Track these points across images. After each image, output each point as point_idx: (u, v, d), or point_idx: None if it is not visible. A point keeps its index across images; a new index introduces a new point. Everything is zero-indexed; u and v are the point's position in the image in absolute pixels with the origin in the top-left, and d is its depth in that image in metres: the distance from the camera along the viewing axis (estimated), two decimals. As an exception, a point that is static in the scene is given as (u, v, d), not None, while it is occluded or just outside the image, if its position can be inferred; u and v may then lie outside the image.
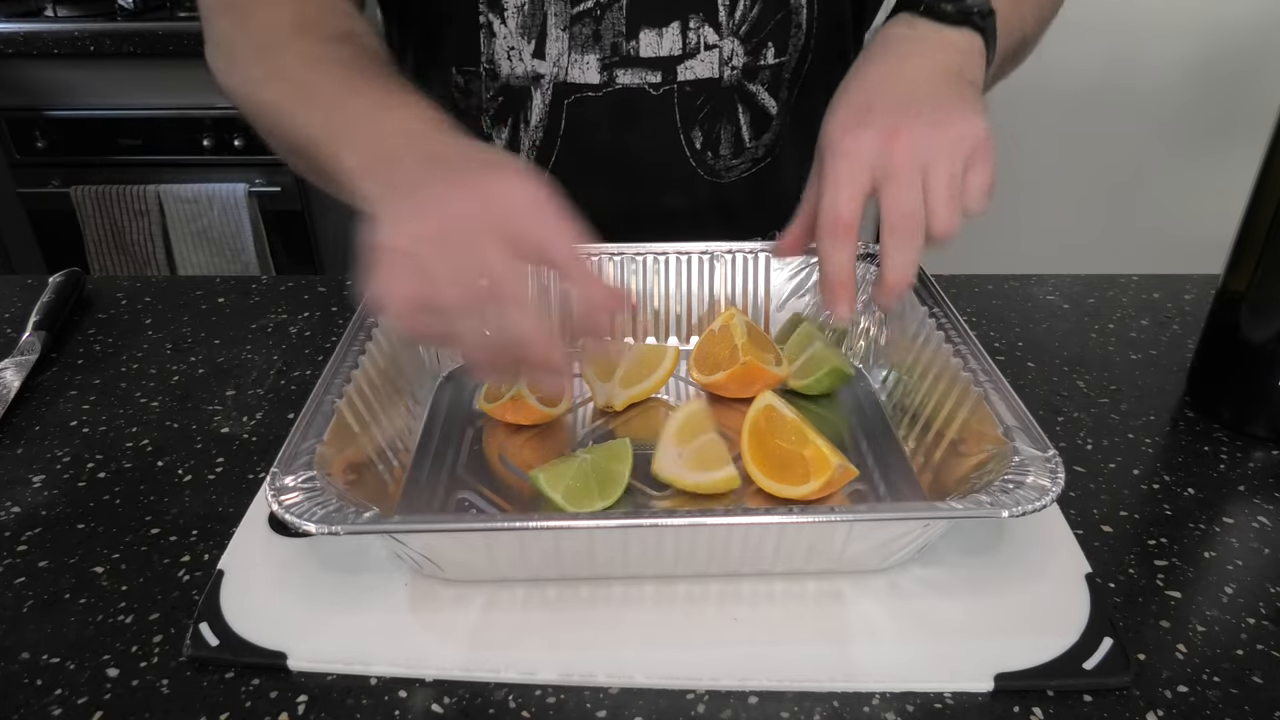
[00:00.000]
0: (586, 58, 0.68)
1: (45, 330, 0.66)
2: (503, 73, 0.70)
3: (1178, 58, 1.64)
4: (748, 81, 0.71)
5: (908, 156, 0.47)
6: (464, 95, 0.73)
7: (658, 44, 0.68)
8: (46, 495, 0.52)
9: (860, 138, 0.48)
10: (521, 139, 0.73)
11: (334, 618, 0.43)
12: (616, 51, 0.68)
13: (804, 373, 0.59)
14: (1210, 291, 0.59)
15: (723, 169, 0.75)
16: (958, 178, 0.48)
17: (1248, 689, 0.40)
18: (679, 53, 0.69)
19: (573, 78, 0.69)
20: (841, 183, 0.48)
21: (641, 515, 0.40)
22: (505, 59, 0.69)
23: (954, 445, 0.50)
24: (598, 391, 0.59)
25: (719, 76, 0.70)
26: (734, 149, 0.74)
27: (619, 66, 0.69)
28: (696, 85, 0.70)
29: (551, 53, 0.69)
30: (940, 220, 0.48)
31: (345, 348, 0.53)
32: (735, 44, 0.69)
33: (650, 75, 0.69)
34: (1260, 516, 0.50)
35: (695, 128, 0.72)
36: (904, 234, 0.47)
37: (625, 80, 0.69)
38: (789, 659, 0.41)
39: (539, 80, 0.70)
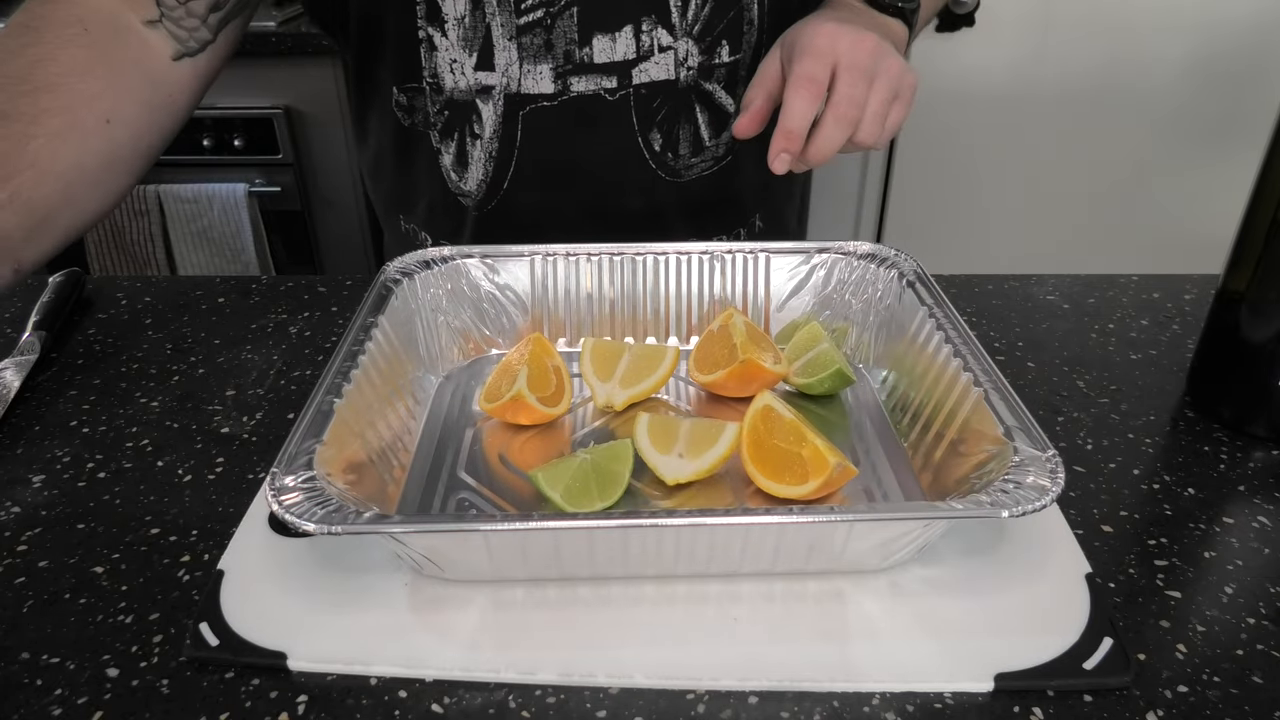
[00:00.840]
0: (539, 67, 0.68)
1: (45, 330, 0.66)
2: (446, 86, 0.70)
3: (1178, 58, 1.64)
4: (704, 81, 0.71)
5: (865, 63, 0.56)
6: (408, 113, 0.73)
7: (611, 49, 0.68)
8: (46, 495, 0.52)
9: (834, 38, 0.57)
10: (469, 152, 0.72)
11: (334, 618, 0.43)
12: (570, 59, 0.68)
13: (808, 371, 0.59)
14: (1210, 291, 0.59)
15: (683, 168, 0.74)
16: (887, 103, 0.57)
17: (1248, 689, 0.40)
18: (633, 56, 0.68)
19: (526, 88, 0.69)
20: (814, 58, 0.56)
21: (641, 515, 0.40)
22: (448, 72, 0.69)
23: (954, 445, 0.50)
24: (598, 391, 0.59)
25: (675, 78, 0.70)
26: (693, 148, 0.74)
27: (573, 74, 0.68)
28: (652, 88, 0.70)
29: (500, 63, 0.68)
30: (867, 128, 0.57)
31: (345, 348, 0.53)
32: (690, 44, 0.69)
33: (605, 81, 0.69)
34: (1260, 516, 0.50)
35: (653, 130, 0.72)
36: (843, 116, 0.56)
37: (580, 88, 0.69)
38: (789, 659, 0.41)
39: (487, 92, 0.69)
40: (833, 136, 0.56)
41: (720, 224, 0.80)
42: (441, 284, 0.63)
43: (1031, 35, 1.62)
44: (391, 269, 0.62)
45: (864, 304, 0.63)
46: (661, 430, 0.52)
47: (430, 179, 0.75)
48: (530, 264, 0.65)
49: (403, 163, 0.77)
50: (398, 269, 0.62)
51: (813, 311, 0.65)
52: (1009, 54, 1.63)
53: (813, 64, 0.56)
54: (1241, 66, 1.65)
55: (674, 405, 0.60)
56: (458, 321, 0.64)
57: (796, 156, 0.57)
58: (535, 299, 0.65)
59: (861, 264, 0.64)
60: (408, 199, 0.79)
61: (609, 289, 0.65)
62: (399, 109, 0.73)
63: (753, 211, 0.81)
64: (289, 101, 1.60)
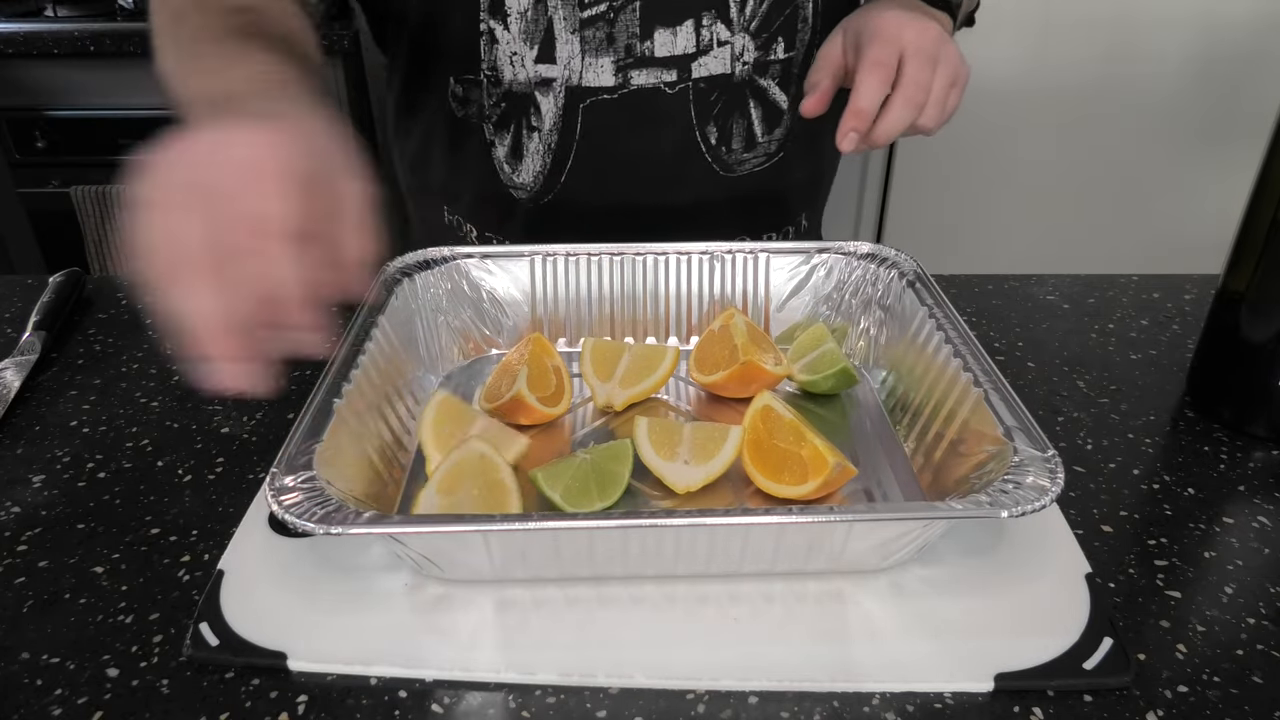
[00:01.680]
0: (600, 61, 0.69)
1: (45, 330, 0.66)
2: (505, 78, 0.70)
3: (1177, 57, 1.64)
4: (759, 76, 0.72)
5: (930, 50, 0.58)
6: (462, 104, 0.73)
7: (672, 43, 0.69)
8: (46, 495, 0.52)
9: (901, 26, 0.59)
10: (525, 144, 0.73)
11: (334, 618, 0.43)
12: (631, 53, 0.69)
13: (812, 369, 0.59)
14: (1210, 291, 0.59)
15: (735, 163, 0.75)
16: (947, 89, 0.59)
17: (1248, 689, 0.40)
18: (693, 50, 0.69)
19: (587, 81, 0.69)
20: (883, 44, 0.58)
21: (641, 515, 0.40)
22: (508, 65, 0.69)
23: (954, 445, 0.50)
24: (598, 391, 0.59)
25: (731, 72, 0.71)
26: (746, 143, 0.74)
27: (634, 67, 0.69)
28: (710, 82, 0.71)
29: (562, 56, 0.69)
30: (931, 111, 0.59)
31: (345, 348, 0.53)
32: (746, 39, 0.70)
33: (665, 74, 0.70)
34: (1260, 516, 0.50)
35: (710, 123, 0.73)
36: (911, 99, 0.58)
37: (640, 81, 0.70)
38: (789, 659, 0.41)
39: (547, 85, 0.70)
40: (901, 118, 0.58)
41: (769, 221, 0.81)
42: (441, 284, 0.63)
43: (1031, 35, 1.62)
44: (391, 269, 0.62)
45: (864, 304, 0.63)
46: (663, 435, 0.52)
47: (480, 170, 0.76)
48: (530, 264, 0.65)
49: (453, 154, 0.78)
50: (398, 269, 0.62)
51: (813, 311, 0.65)
52: (1009, 54, 1.63)
53: (882, 49, 0.58)
54: (1241, 66, 1.65)
55: (674, 405, 0.60)
56: (458, 321, 0.64)
57: (863, 136, 0.58)
58: (535, 299, 0.65)
59: (861, 264, 0.64)
60: (454, 190, 0.80)
61: (609, 289, 0.65)
62: (454, 100, 0.73)
63: (799, 211, 0.83)
64: (289, 101, 1.59)
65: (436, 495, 0.47)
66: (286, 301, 0.38)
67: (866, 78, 0.57)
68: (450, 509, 0.46)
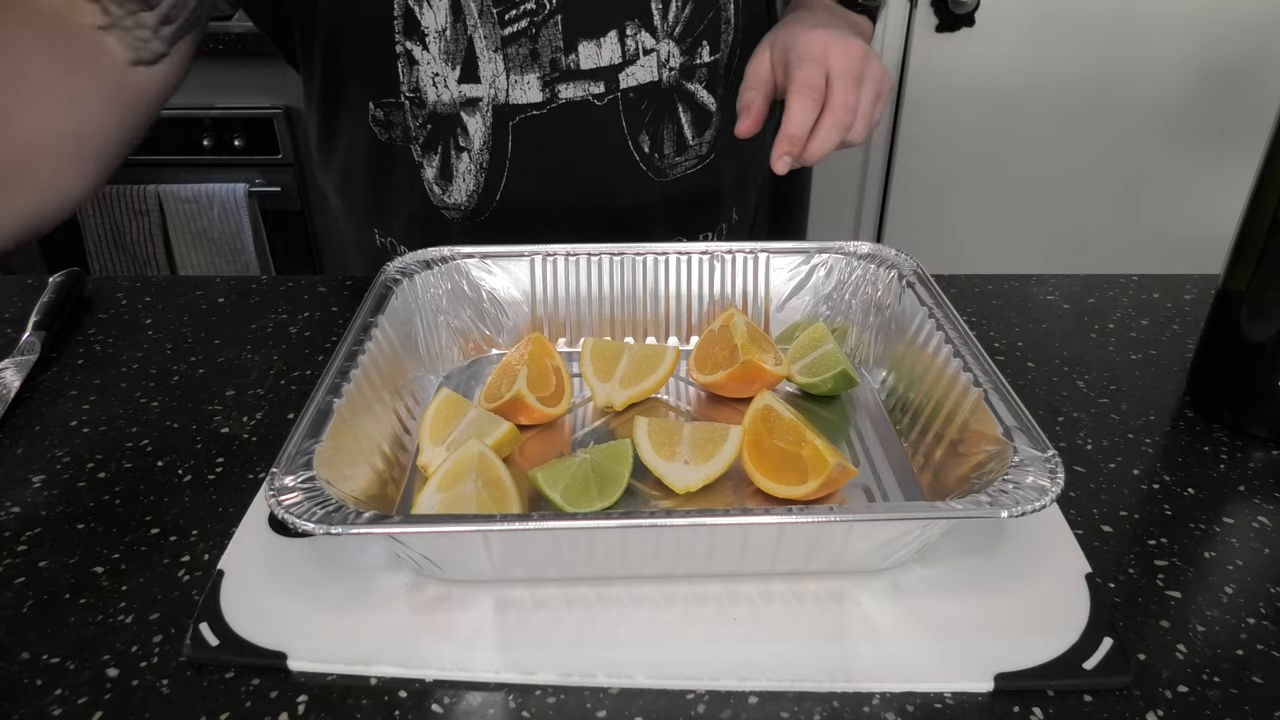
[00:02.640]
0: (526, 77, 0.68)
1: (45, 330, 0.66)
2: (429, 100, 0.69)
3: (1177, 57, 1.64)
4: (685, 81, 0.72)
5: (856, 69, 0.60)
6: (385, 128, 0.72)
7: (597, 54, 0.68)
8: (46, 495, 0.52)
9: (827, 45, 0.61)
10: (455, 165, 0.72)
11: (334, 618, 0.43)
12: (556, 67, 0.68)
13: (812, 371, 0.59)
14: (1210, 291, 0.59)
15: (668, 168, 0.75)
16: (873, 105, 0.62)
17: (1248, 689, 0.40)
18: (619, 61, 0.69)
19: (514, 99, 0.69)
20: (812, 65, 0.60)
21: (641, 515, 0.40)
22: (430, 86, 0.68)
23: (954, 445, 0.50)
24: (598, 391, 0.59)
25: (659, 79, 0.71)
26: (677, 147, 0.74)
27: (560, 81, 0.69)
28: (639, 91, 0.71)
29: (486, 75, 0.68)
30: (858, 129, 0.61)
31: (345, 348, 0.53)
32: (671, 45, 0.70)
33: (593, 86, 0.69)
34: (1260, 516, 0.50)
35: (642, 132, 0.72)
36: (839, 121, 0.60)
37: (568, 94, 0.69)
38: (789, 659, 0.41)
39: (473, 104, 0.69)
40: (830, 139, 0.60)
41: (701, 221, 0.81)
42: (441, 284, 0.63)
43: (1031, 35, 1.62)
44: (391, 269, 0.62)
45: (864, 304, 0.63)
46: (663, 435, 0.52)
47: (409, 193, 0.75)
48: (530, 264, 0.65)
49: (378, 178, 0.76)
50: (398, 269, 0.62)
51: (812, 311, 0.65)
52: (1009, 54, 1.63)
53: (811, 71, 0.60)
54: (1241, 67, 1.65)
55: (674, 405, 0.60)
56: (458, 321, 0.64)
57: (795, 158, 0.60)
58: (535, 299, 0.65)
59: (861, 264, 0.64)
60: (383, 213, 0.79)
61: (609, 289, 0.65)
62: (375, 124, 0.72)
63: (729, 207, 0.83)
64: (289, 101, 1.59)
65: (436, 495, 0.47)
66: None
67: (796, 103, 0.59)
68: (450, 509, 0.46)
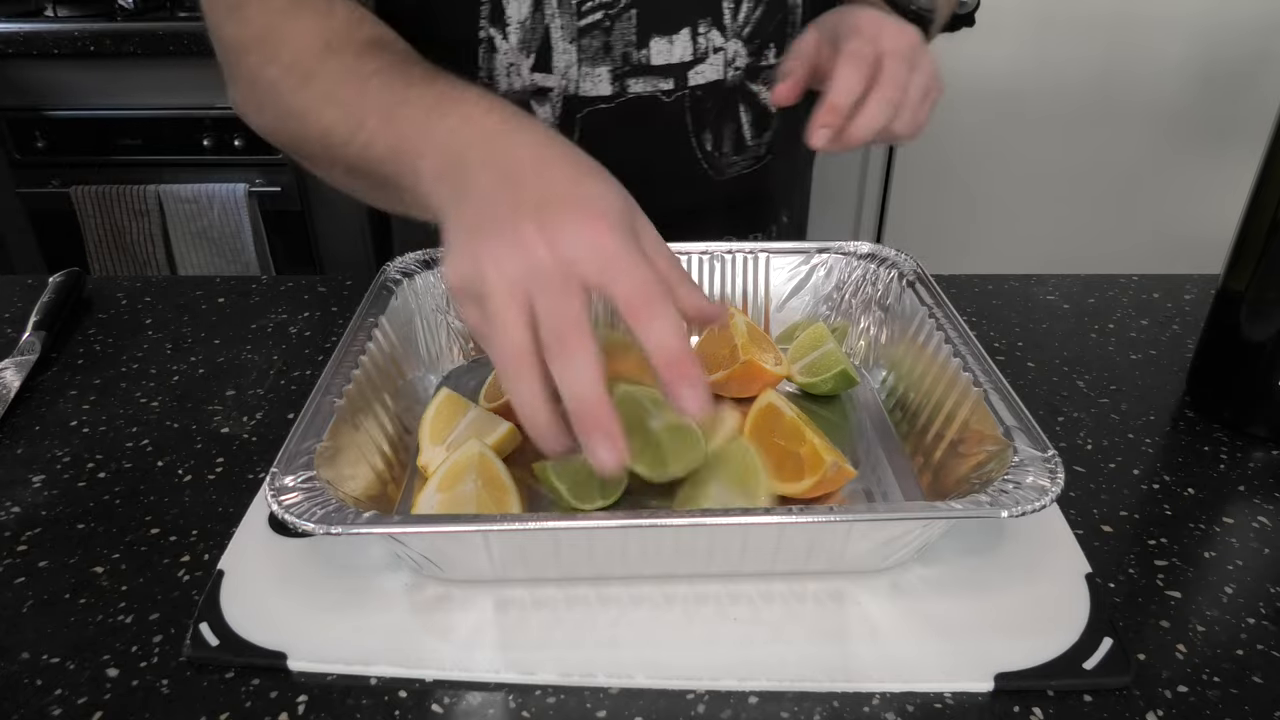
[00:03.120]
0: (598, 70, 0.68)
1: (45, 330, 0.66)
2: (501, 88, 0.70)
3: (1178, 58, 1.64)
4: (749, 81, 0.72)
5: (907, 52, 0.56)
6: None
7: (669, 51, 0.69)
8: (46, 495, 0.52)
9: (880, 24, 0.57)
10: None
11: (334, 618, 0.43)
12: (628, 61, 0.68)
13: (812, 371, 0.59)
14: (1210, 291, 0.59)
15: (725, 166, 0.75)
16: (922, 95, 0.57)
17: (1248, 689, 0.40)
18: (690, 59, 0.69)
19: (584, 90, 0.69)
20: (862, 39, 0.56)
21: (641, 515, 0.40)
22: (504, 74, 0.69)
23: (954, 445, 0.49)
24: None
25: (724, 78, 0.71)
26: (735, 146, 0.75)
27: (630, 76, 0.69)
28: (706, 89, 0.71)
29: (559, 65, 0.68)
30: (906, 115, 0.56)
31: (345, 348, 0.53)
32: (739, 45, 0.70)
33: (662, 83, 0.70)
34: (1260, 516, 0.50)
35: (705, 130, 0.73)
36: (887, 98, 0.55)
37: (637, 89, 0.70)
38: (789, 659, 0.41)
39: (544, 94, 0.69)
40: (876, 116, 0.55)
41: (753, 222, 0.81)
42: (441, 284, 0.63)
43: (1031, 35, 1.62)
44: (391, 269, 0.62)
45: (864, 304, 0.63)
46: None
47: None
48: (530, 264, 0.64)
49: None
50: (398, 269, 0.62)
51: (812, 311, 0.65)
52: (1009, 54, 1.63)
53: (861, 44, 0.56)
54: (1241, 67, 1.65)
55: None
56: (458, 321, 0.64)
57: (836, 133, 0.55)
58: None
59: (861, 264, 0.64)
60: None
61: (609, 289, 0.65)
62: None
63: (780, 209, 0.83)
64: (289, 101, 1.60)
65: (436, 495, 0.47)
66: None
67: (843, 70, 0.54)
68: (450, 509, 0.46)
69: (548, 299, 0.38)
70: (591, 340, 0.38)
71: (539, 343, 0.38)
